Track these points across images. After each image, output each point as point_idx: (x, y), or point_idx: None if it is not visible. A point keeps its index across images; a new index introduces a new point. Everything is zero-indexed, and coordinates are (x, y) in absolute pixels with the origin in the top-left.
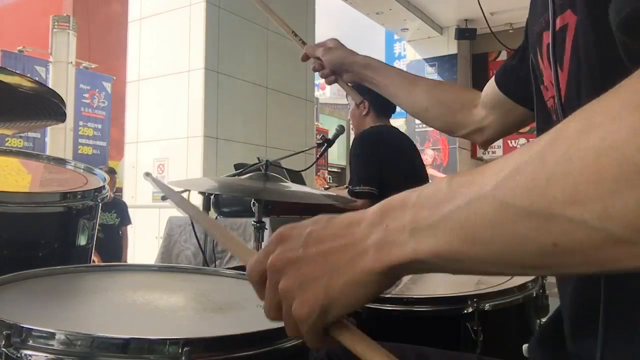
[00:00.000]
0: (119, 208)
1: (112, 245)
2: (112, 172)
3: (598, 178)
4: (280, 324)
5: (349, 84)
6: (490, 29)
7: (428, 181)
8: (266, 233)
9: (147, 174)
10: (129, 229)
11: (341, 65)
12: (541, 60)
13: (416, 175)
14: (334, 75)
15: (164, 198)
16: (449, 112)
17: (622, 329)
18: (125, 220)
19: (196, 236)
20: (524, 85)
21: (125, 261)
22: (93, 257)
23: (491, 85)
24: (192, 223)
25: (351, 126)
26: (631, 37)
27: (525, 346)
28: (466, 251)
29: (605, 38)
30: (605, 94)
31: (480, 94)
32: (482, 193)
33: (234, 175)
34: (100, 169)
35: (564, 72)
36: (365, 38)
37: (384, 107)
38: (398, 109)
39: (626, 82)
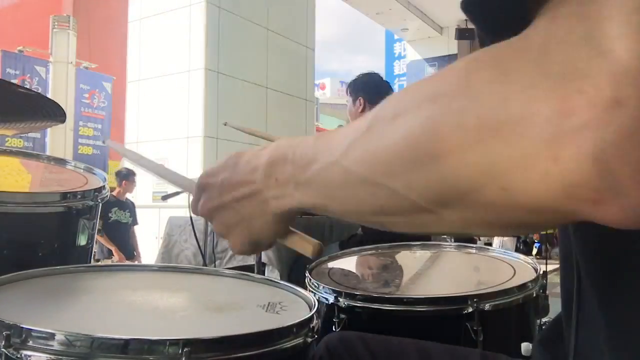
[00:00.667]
0: (131, 208)
1: (126, 243)
2: (132, 174)
3: (402, 156)
4: (280, 324)
5: None
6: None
7: None
8: None
9: (104, 141)
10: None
11: None
12: None
13: None
14: None
15: (164, 198)
16: None
17: (591, 326)
18: (135, 220)
19: (196, 237)
20: None
21: (140, 258)
22: (110, 247)
23: None
24: (192, 224)
25: None
26: (471, 20)
27: (523, 344)
28: (329, 205)
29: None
30: (421, 80)
31: None
32: (333, 160)
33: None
34: (120, 171)
35: None
36: (365, 38)
37: (379, 103)
38: None
39: (436, 74)
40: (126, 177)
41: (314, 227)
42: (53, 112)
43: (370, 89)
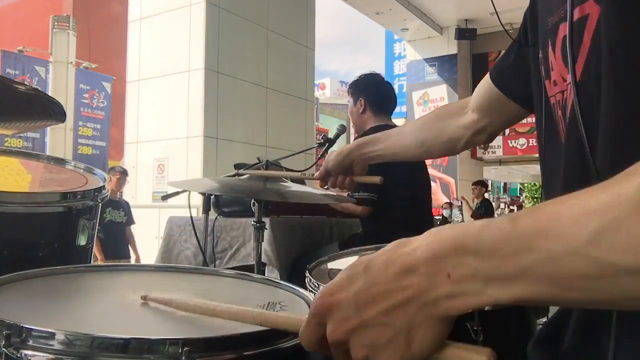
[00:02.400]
0: (125, 207)
1: (119, 242)
2: (124, 173)
3: None
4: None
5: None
6: (502, 26)
7: (429, 185)
8: (266, 233)
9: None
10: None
11: (344, 162)
12: (552, 53)
13: (416, 179)
14: (347, 175)
15: (164, 198)
16: (441, 133)
17: (636, 327)
18: (130, 219)
19: (196, 236)
20: (522, 83)
21: (138, 260)
22: (96, 254)
23: (485, 86)
24: (192, 223)
25: (352, 124)
26: None
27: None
28: (559, 296)
29: (633, 31)
30: None
31: (467, 100)
32: (570, 249)
33: (234, 175)
34: (113, 168)
35: (578, 65)
36: (365, 38)
37: (382, 104)
38: (398, 108)
39: None
40: (118, 175)
41: (314, 227)
42: (53, 111)
43: (371, 90)
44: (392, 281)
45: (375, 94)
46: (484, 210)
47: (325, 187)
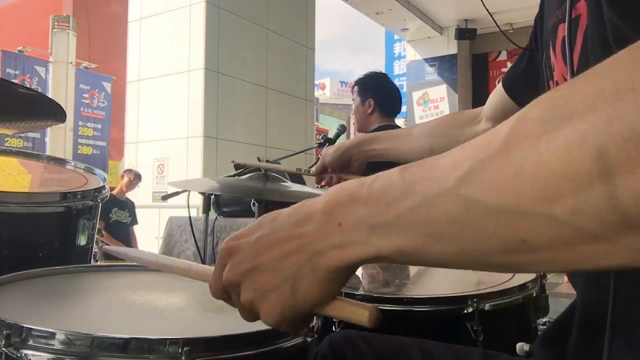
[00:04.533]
0: (130, 208)
1: (126, 243)
2: (138, 177)
3: (569, 173)
4: None
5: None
6: (499, 27)
7: None
8: None
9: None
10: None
11: (341, 157)
12: (553, 54)
13: None
14: (344, 171)
15: (164, 198)
16: (453, 140)
17: (630, 328)
18: (134, 220)
19: (194, 237)
20: (533, 89)
21: None
22: (107, 242)
23: (498, 94)
24: (190, 224)
25: (352, 123)
26: (622, 18)
27: (518, 345)
28: (429, 247)
29: (611, 28)
30: (576, 80)
31: (479, 110)
32: (442, 190)
33: (233, 175)
34: (130, 170)
35: (573, 64)
36: (365, 38)
37: (390, 106)
38: (402, 109)
39: (600, 69)
40: (132, 176)
41: None
42: (53, 112)
43: (382, 92)
44: (290, 229)
45: (385, 97)
46: None
47: (321, 185)
